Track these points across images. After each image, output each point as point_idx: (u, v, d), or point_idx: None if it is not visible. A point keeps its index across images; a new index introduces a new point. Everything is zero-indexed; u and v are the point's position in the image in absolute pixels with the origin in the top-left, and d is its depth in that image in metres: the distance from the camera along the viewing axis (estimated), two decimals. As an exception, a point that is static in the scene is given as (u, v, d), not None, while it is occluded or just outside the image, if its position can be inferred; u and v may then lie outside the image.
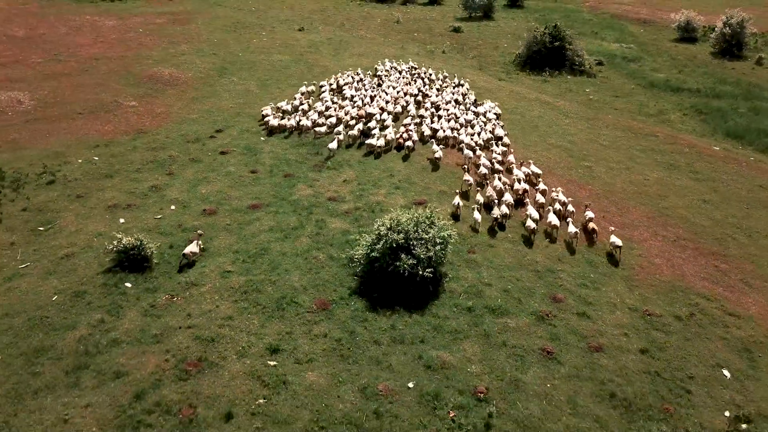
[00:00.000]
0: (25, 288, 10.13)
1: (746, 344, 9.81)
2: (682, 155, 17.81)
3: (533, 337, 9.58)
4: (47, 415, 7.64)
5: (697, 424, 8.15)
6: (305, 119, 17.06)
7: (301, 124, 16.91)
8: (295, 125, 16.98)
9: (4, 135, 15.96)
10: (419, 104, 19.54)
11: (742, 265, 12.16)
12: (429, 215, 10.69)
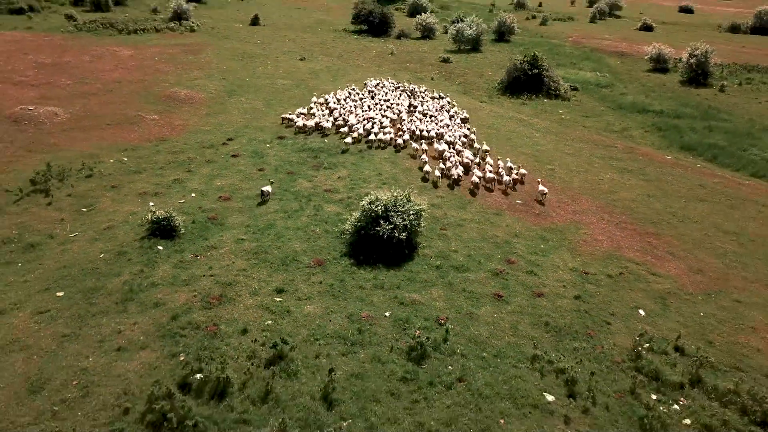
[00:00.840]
0: (76, 250, 12.83)
1: (662, 294, 12.44)
2: (636, 162, 20.86)
3: (488, 286, 12.22)
4: (105, 328, 10.21)
5: (611, 343, 10.70)
6: (325, 121, 21.22)
7: (321, 125, 21.12)
8: (314, 126, 21.24)
9: (46, 140, 18.99)
10: (410, 111, 23.25)
11: (671, 241, 14.89)
12: (406, 194, 13.53)
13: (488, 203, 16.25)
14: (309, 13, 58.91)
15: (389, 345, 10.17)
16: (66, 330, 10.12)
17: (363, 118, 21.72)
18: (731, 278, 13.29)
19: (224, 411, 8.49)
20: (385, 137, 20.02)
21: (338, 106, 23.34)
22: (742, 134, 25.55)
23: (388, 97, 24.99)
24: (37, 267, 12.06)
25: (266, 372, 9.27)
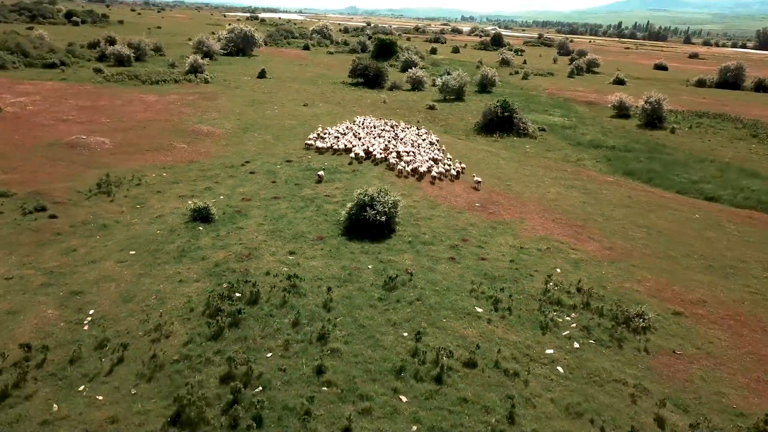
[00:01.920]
0: (138, 229, 17.64)
1: (576, 260, 17.17)
2: (580, 180, 26.14)
3: (445, 253, 16.96)
4: (168, 270, 14.87)
5: (531, 285, 15.31)
6: (335, 143, 27.86)
7: (335, 147, 27.59)
8: (327, 147, 27.78)
9: (100, 160, 24.24)
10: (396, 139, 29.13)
11: (593, 231, 19.79)
12: (386, 189, 18.56)
13: (453, 204, 21.26)
14: (310, 68, 66.81)
15: (370, 282, 14.81)
16: (141, 271, 14.77)
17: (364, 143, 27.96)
18: (633, 253, 18.07)
19: (257, 310, 13.04)
20: (380, 156, 25.94)
21: (342, 134, 29.82)
22: (678, 163, 31.10)
23: (377, 129, 30.84)
24: (111, 239, 16.82)
25: (284, 292, 13.85)
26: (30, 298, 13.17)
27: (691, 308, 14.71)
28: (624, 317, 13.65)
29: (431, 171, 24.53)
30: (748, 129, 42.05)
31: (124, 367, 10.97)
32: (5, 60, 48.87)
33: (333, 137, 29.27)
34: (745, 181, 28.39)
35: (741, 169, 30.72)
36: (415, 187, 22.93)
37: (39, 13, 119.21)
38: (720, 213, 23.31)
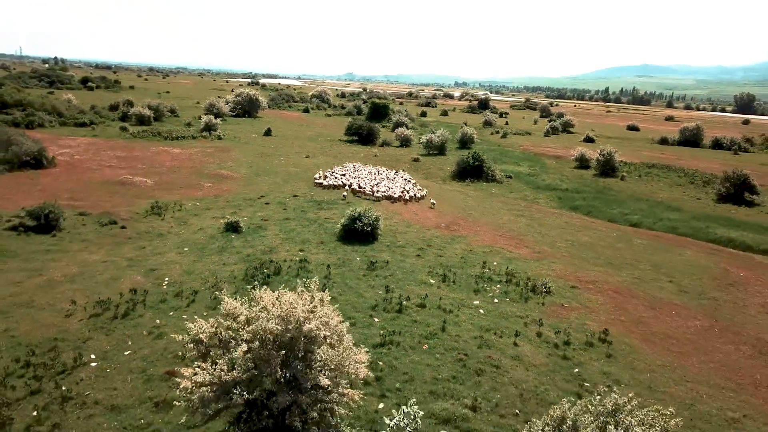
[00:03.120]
0: (186, 236, 24.39)
1: (510, 258, 23.90)
2: (529, 211, 33.31)
3: (414, 253, 23.69)
4: (213, 259, 21.51)
5: (472, 271, 21.95)
6: (336, 181, 35.29)
7: (334, 183, 35.08)
8: (335, 183, 35.10)
9: (146, 193, 31.34)
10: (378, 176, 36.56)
11: (528, 241, 26.65)
12: (370, 209, 25.57)
13: (424, 225, 28.21)
14: (311, 128, 75.98)
15: (357, 266, 21.46)
16: (195, 259, 21.39)
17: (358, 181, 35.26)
18: (554, 255, 24.84)
19: (280, 278, 19.58)
20: (368, 190, 33.08)
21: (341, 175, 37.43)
22: (617, 201, 38.49)
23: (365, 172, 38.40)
24: (168, 241, 23.53)
25: (297, 269, 20.45)
26: (123, 272, 19.71)
27: (585, 285, 21.33)
28: (532, 286, 20.27)
29: (403, 196, 32.76)
30: (688, 177, 49.99)
31: (196, 304, 17.40)
32: (44, 120, 57.26)
33: (333, 177, 36.84)
34: (667, 213, 35.64)
35: (668, 206, 38.08)
36: (395, 212, 29.99)
37: (57, 79, 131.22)
38: (634, 233, 30.33)
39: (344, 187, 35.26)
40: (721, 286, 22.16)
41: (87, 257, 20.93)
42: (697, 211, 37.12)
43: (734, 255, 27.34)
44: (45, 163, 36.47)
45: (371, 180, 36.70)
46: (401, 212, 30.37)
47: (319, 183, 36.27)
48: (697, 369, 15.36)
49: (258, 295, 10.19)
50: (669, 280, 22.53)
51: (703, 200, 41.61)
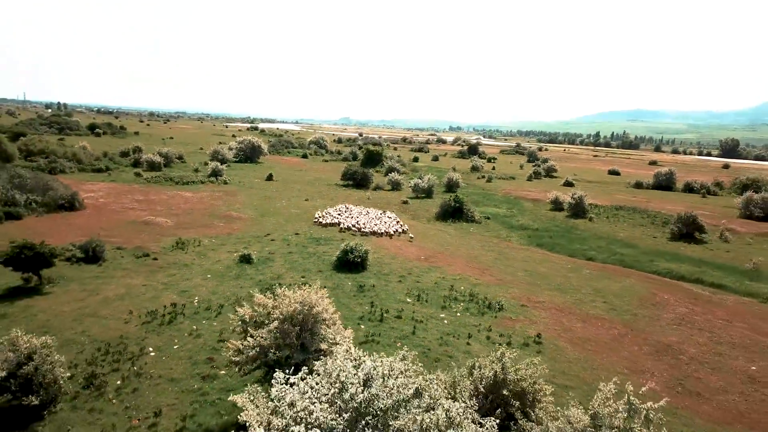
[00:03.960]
0: (207, 266, 29.73)
1: (476, 284, 29.28)
2: (499, 247, 38.90)
3: (396, 279, 29.07)
4: (232, 284, 26.83)
5: (442, 293, 27.28)
6: (339, 219, 40.52)
7: (330, 222, 40.23)
8: (331, 222, 40.40)
9: (168, 231, 36.82)
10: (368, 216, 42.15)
11: (493, 271, 32.09)
12: (361, 243, 31.11)
13: (407, 257, 33.67)
14: (309, 173, 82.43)
15: (349, 288, 26.77)
16: (216, 283, 26.66)
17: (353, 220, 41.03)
18: (513, 282, 30.24)
19: (286, 297, 24.82)
20: (359, 228, 38.70)
21: (338, 215, 42.95)
22: (580, 239, 44.19)
23: (356, 212, 44.26)
24: (193, 270, 28.84)
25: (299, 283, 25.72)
26: (161, 293, 24.95)
27: (533, 304, 26.67)
28: (488, 304, 25.62)
29: (388, 231, 38.98)
30: (650, 218, 55.99)
31: (222, 315, 22.59)
32: (65, 166, 63.38)
33: (329, 216, 42.68)
34: (621, 249, 41.30)
35: (624, 243, 43.80)
36: (382, 247, 35.54)
37: (66, 125, 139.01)
38: (586, 265, 35.85)
39: (338, 225, 40.98)
40: (644, 306, 27.51)
41: (130, 281, 26.20)
42: (649, 248, 42.79)
43: (666, 283, 32.79)
44: (77, 206, 42.07)
45: (361, 219, 42.57)
46: (388, 247, 35.91)
47: (317, 222, 42.02)
48: (604, 361, 20.54)
49: (281, 292, 15.62)
50: (603, 301, 27.88)
51: (658, 238, 47.38)
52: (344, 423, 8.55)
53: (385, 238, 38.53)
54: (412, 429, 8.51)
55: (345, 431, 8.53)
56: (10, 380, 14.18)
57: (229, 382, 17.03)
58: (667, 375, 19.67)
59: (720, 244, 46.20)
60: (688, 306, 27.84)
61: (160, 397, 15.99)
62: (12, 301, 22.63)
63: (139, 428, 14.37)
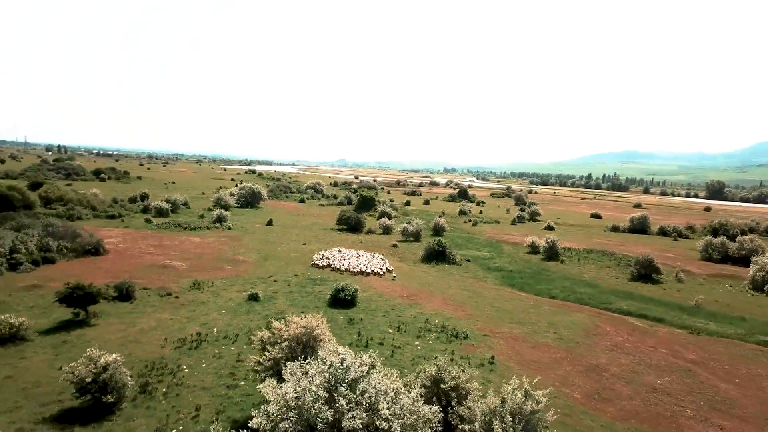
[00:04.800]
0: (221, 304, 35.38)
1: (448, 318, 34.98)
2: (474, 287, 44.74)
3: (381, 314, 34.77)
4: (244, 318, 32.49)
5: (419, 325, 32.97)
6: (333, 261, 45.75)
7: (325, 264, 45.26)
8: (326, 264, 45.76)
9: (184, 273, 42.55)
10: (359, 258, 47.97)
11: (465, 308, 37.84)
12: (351, 284, 36.97)
13: (392, 296, 39.42)
14: (306, 218, 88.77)
15: (341, 321, 32.42)
16: (231, 317, 32.30)
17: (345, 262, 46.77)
18: (480, 316, 35.95)
19: (289, 328, 30.48)
20: (350, 269, 44.55)
21: (332, 257, 48.63)
22: (548, 280, 50.10)
23: (349, 254, 50.21)
24: (209, 307, 34.46)
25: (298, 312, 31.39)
26: (185, 325, 30.53)
27: (494, 334, 32.35)
28: (456, 333, 31.30)
29: (375, 272, 44.76)
30: (617, 260, 62.13)
31: (238, 342, 28.15)
32: (82, 213, 69.45)
33: (325, 259, 48.56)
34: (583, 289, 47.20)
35: (587, 283, 49.73)
36: (371, 286, 41.34)
37: (73, 171, 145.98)
38: (547, 303, 41.66)
39: (332, 266, 46.87)
40: (587, 336, 33.24)
41: (159, 316, 31.80)
42: (609, 287, 48.73)
43: (612, 317, 38.57)
44: (101, 251, 47.87)
45: (353, 260, 48.54)
46: (375, 286, 41.72)
47: (315, 264, 47.94)
48: (543, 377, 26.10)
49: (290, 319, 21.46)
50: (554, 332, 33.60)
51: (619, 279, 53.40)
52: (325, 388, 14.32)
53: (374, 277, 44.44)
54: (371, 392, 14.25)
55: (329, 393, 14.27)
56: (92, 384, 19.72)
57: (248, 389, 22.54)
58: (589, 387, 25.28)
59: (674, 284, 52.21)
60: (624, 336, 33.59)
61: (197, 399, 21.49)
62: (68, 330, 28.21)
63: (185, 419, 19.83)
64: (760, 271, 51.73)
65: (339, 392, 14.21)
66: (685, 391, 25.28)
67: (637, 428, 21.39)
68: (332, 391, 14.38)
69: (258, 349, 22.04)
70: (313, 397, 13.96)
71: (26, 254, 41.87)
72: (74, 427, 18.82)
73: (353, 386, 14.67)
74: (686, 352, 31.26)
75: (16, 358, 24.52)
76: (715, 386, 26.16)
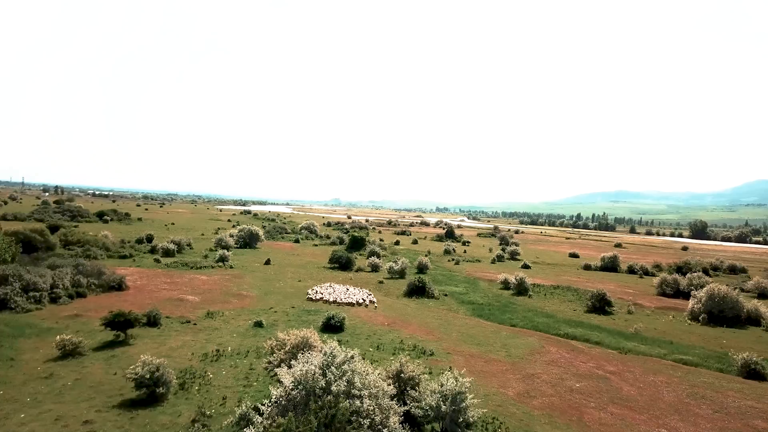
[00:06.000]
0: (231, 329, 42.97)
1: (419, 340, 42.69)
2: (446, 317, 52.57)
3: (365, 337, 42.43)
4: (252, 340, 40.13)
5: (395, 345, 40.65)
6: (325, 295, 53.51)
7: (318, 297, 52.90)
8: (319, 297, 53.39)
9: (198, 306, 50.12)
10: (347, 292, 55.77)
11: (435, 333, 45.58)
12: (340, 313, 44.77)
13: (375, 323, 47.10)
14: (301, 257, 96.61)
15: (331, 342, 40.06)
16: (242, 339, 39.86)
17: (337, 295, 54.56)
18: (447, 339, 43.66)
19: (289, 347, 38.11)
20: (339, 301, 52.34)
21: (324, 291, 56.38)
22: (512, 311, 57.98)
23: (338, 289, 58.06)
24: (222, 331, 42.00)
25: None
26: (205, 344, 38.06)
27: (455, 352, 40.03)
28: (423, 350, 39.01)
29: (360, 303, 51.99)
30: (578, 295, 70.19)
31: (249, 356, 35.69)
32: (97, 253, 77.04)
33: (318, 293, 56.39)
34: (541, 318, 55.06)
35: (546, 314, 57.62)
36: (357, 315, 49.05)
37: (78, 213, 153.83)
38: (507, 329, 49.43)
39: (323, 299, 54.60)
40: (532, 354, 40.97)
41: (182, 338, 39.31)
42: (564, 318, 56.64)
43: (558, 340, 46.35)
44: (123, 287, 55.41)
45: (342, 294, 56.34)
46: (361, 315, 49.43)
47: (309, 298, 55.66)
48: (487, 382, 33.73)
49: (291, 332, 29.35)
50: (505, 352, 41.32)
51: (577, 311, 61.34)
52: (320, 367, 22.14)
53: (360, 308, 52.26)
54: (350, 371, 22.06)
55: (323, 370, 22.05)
56: (148, 379, 27.26)
57: (260, 388, 30.05)
58: (521, 388, 32.97)
59: (624, 316, 60.24)
60: (562, 354, 41.40)
61: (222, 393, 29.00)
62: (113, 348, 35.73)
63: (215, 405, 27.32)
64: (697, 303, 59.94)
65: (330, 370, 22.03)
66: (596, 392, 33.01)
67: (549, 414, 29.06)
68: (325, 369, 22.19)
69: (268, 353, 29.74)
70: (312, 372, 21.76)
71: (63, 289, 49.45)
72: (137, 410, 26.29)
73: (339, 367, 22.49)
74: (608, 366, 39.05)
75: (79, 367, 31.98)
76: (620, 388, 33.91)
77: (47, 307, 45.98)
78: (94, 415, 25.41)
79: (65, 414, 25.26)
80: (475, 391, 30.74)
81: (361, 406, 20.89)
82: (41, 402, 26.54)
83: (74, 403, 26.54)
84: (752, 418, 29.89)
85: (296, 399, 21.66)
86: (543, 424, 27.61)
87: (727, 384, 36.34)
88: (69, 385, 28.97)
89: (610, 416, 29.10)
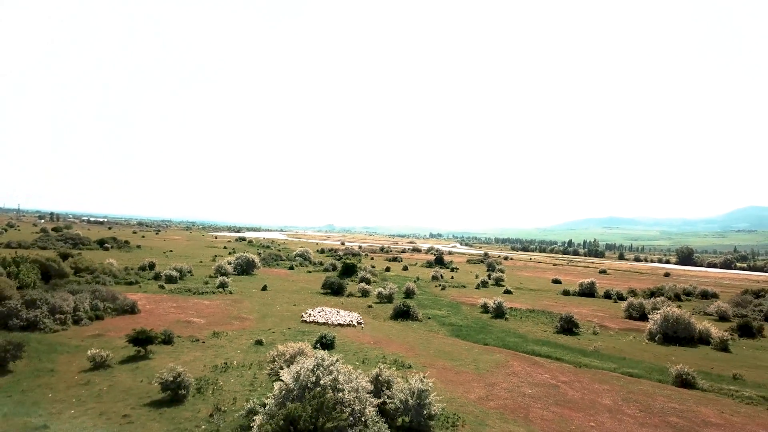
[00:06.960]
0: (236, 347, 49.26)
1: (399, 356, 49.12)
2: (427, 336, 59.04)
3: (353, 353, 48.83)
4: (254, 355, 46.48)
5: (378, 360, 47.08)
6: (317, 318, 59.82)
7: (316, 320, 59.43)
8: (313, 320, 59.79)
9: (204, 327, 56.38)
10: (338, 315, 62.25)
11: (414, 350, 52.05)
12: (330, 332, 51.22)
13: (362, 342, 53.48)
14: (296, 283, 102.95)
15: (323, 357, 46.48)
16: (246, 354, 46.18)
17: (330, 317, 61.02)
18: (424, 355, 50.09)
19: (286, 361, 44.46)
20: (331, 323, 58.79)
21: (317, 314, 62.79)
22: (488, 332, 64.48)
23: (330, 312, 64.54)
24: (227, 348, 48.28)
25: (294, 358, 45.38)
26: (213, 359, 44.32)
27: (430, 365, 46.46)
28: (402, 363, 45.45)
29: (349, 324, 58.25)
30: (551, 318, 76.81)
31: (252, 368, 41.99)
32: (105, 280, 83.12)
33: (312, 315, 62.83)
34: (512, 338, 61.57)
35: (517, 335, 64.14)
36: (346, 335, 55.43)
37: (79, 240, 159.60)
38: (479, 348, 55.88)
39: (316, 321, 61.05)
40: (497, 367, 47.43)
41: (194, 354, 45.54)
42: (534, 338, 63.16)
43: (523, 356, 52.82)
44: (136, 311, 61.57)
45: (333, 317, 62.82)
46: (350, 335, 55.80)
47: (304, 321, 62.03)
48: (454, 388, 40.11)
49: (289, 344, 35.95)
50: (474, 365, 47.76)
51: (547, 332, 67.90)
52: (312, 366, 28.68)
53: (350, 328, 58.63)
54: (336, 370, 28.59)
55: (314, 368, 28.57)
56: (172, 383, 33.56)
57: (264, 392, 36.33)
58: (482, 393, 39.42)
59: (589, 336, 66.86)
60: (524, 367, 47.92)
61: (232, 395, 35.29)
62: (136, 362, 41.97)
63: (227, 404, 33.59)
64: (654, 325, 66.74)
65: (320, 369, 28.62)
66: (544, 396, 39.51)
67: (501, 412, 35.52)
68: (316, 369, 28.77)
69: (270, 361, 36.24)
70: (306, 370, 28.35)
71: (84, 312, 55.65)
72: (164, 408, 32.56)
73: (327, 367, 29.08)
74: (561, 377, 45.57)
75: (110, 376, 38.21)
76: (566, 393, 40.43)
77: (71, 328, 52.14)
78: (130, 411, 31.70)
79: (107, 410, 31.55)
80: (443, 396, 37.22)
81: (343, 397, 27.43)
82: (84, 402, 32.81)
83: (112, 403, 32.83)
84: (669, 416, 36.48)
85: (294, 392, 28.17)
86: (495, 419, 34.07)
87: (660, 391, 42.94)
88: (104, 389, 35.23)
89: (552, 414, 35.60)
